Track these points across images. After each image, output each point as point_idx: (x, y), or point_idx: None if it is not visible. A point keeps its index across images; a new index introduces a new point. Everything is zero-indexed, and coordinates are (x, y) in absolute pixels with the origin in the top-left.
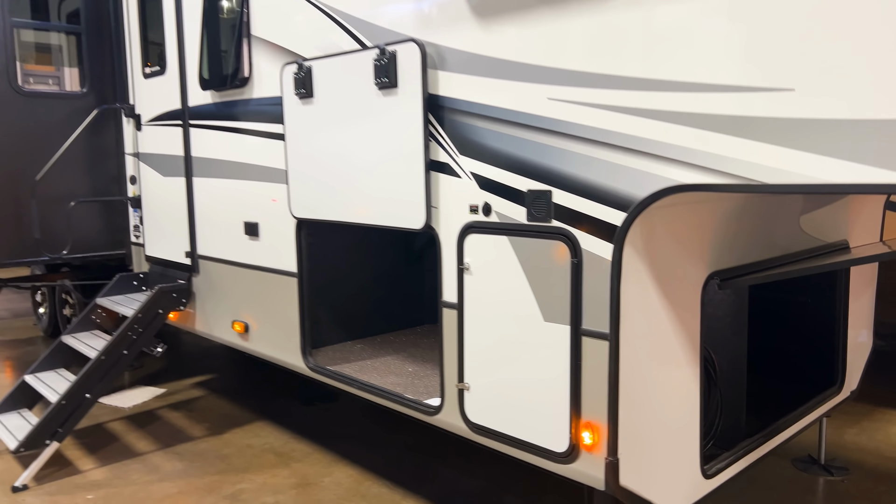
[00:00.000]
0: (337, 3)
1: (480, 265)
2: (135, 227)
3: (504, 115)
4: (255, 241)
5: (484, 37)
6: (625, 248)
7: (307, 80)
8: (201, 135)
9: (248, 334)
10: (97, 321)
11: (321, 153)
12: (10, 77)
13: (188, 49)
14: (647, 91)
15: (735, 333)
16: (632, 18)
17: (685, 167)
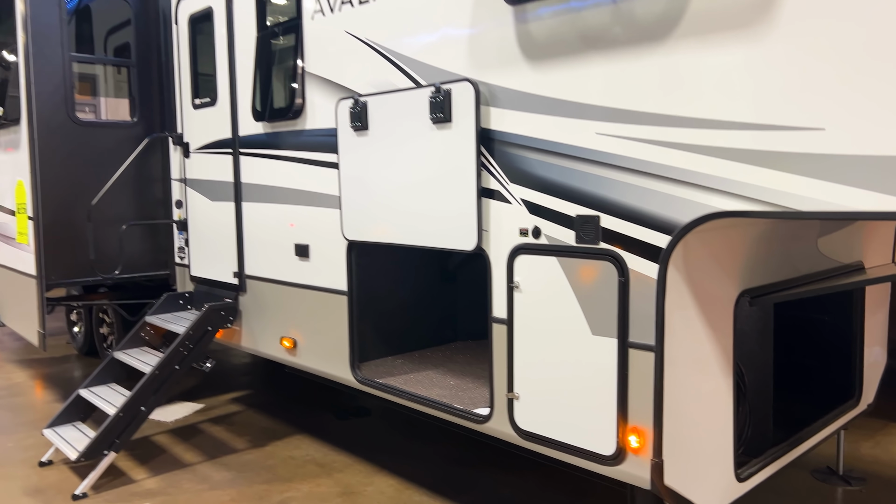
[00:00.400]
0: (393, 45)
1: (530, 283)
2: (179, 248)
3: (553, 147)
4: (306, 261)
5: (534, 77)
6: (669, 268)
7: (363, 114)
8: (251, 162)
9: (297, 350)
10: (146, 338)
11: (375, 181)
12: (68, 108)
13: (240, 82)
14: (692, 128)
15: (762, 348)
16: (678, 63)
17: (726, 196)
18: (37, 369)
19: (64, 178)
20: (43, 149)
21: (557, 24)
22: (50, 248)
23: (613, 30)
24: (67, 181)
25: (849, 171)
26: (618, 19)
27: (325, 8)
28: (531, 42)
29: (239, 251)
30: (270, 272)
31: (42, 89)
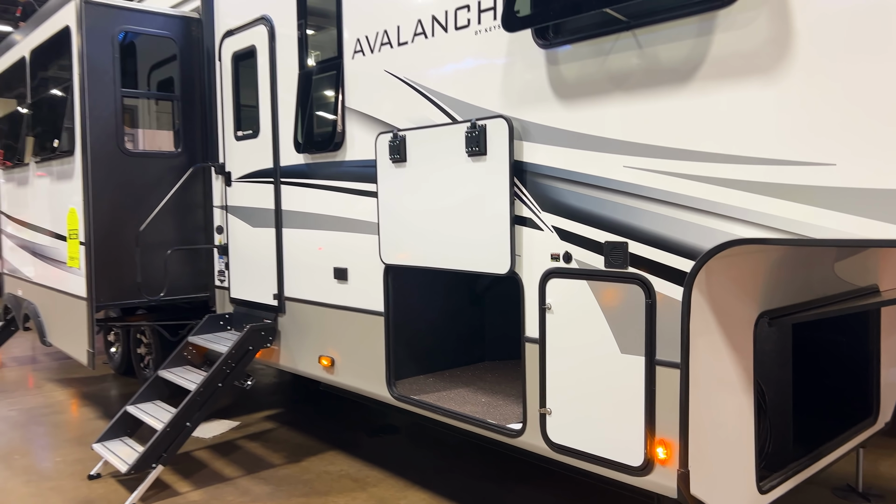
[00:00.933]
0: (431, 84)
1: (561, 305)
2: (220, 272)
3: (583, 178)
4: (344, 284)
5: (565, 113)
6: (693, 291)
7: (401, 147)
8: (292, 191)
9: (335, 368)
10: (188, 357)
11: (412, 209)
12: (118, 140)
13: (282, 116)
14: (713, 162)
15: (781, 367)
16: (700, 102)
17: (745, 224)
18: (76, 388)
19: (113, 206)
20: (95, 178)
21: (586, 65)
22: (99, 272)
23: (639, 71)
24: (116, 208)
25: (857, 203)
26: (643, 62)
27: (365, 48)
28: (561, 81)
29: (279, 274)
30: (309, 294)
31: (95, 122)
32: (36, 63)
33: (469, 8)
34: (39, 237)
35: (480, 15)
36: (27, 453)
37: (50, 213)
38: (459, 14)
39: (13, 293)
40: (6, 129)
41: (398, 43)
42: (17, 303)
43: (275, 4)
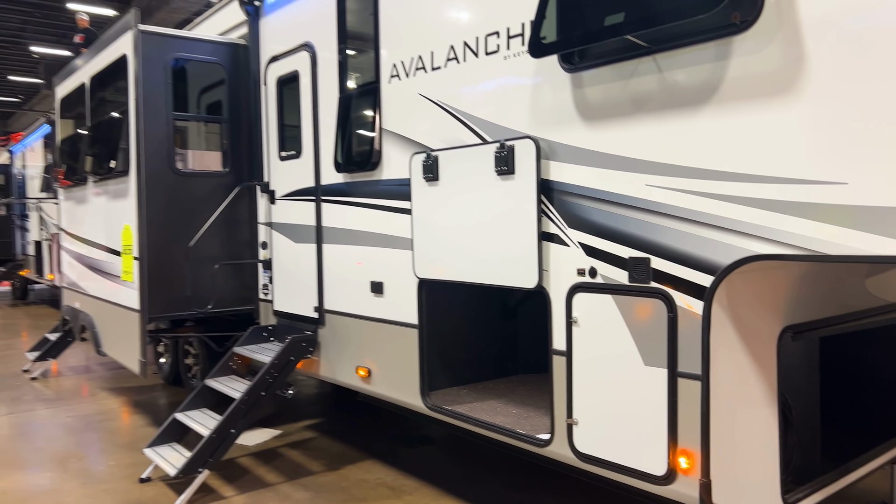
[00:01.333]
0: (462, 106)
1: (587, 319)
2: (264, 285)
3: (607, 196)
4: (380, 297)
5: (589, 134)
6: (713, 304)
7: (434, 166)
8: (332, 208)
9: (371, 378)
10: (233, 367)
11: (444, 225)
12: (170, 161)
13: (323, 137)
14: (730, 181)
15: (808, 381)
16: (718, 123)
17: (762, 241)
18: (127, 396)
19: (165, 223)
20: (148, 197)
21: (609, 88)
22: (152, 285)
23: (659, 94)
24: (167, 225)
25: (868, 220)
26: (664, 85)
27: (401, 73)
28: (586, 104)
29: (319, 288)
30: (348, 307)
31: (149, 144)
32: (95, 88)
33: (498, 34)
34: (96, 252)
35: (509, 41)
36: (83, 457)
37: (106, 230)
38: (489, 40)
39: (71, 305)
40: (67, 150)
41: (432, 68)
42: (75, 314)
43: (317, 32)
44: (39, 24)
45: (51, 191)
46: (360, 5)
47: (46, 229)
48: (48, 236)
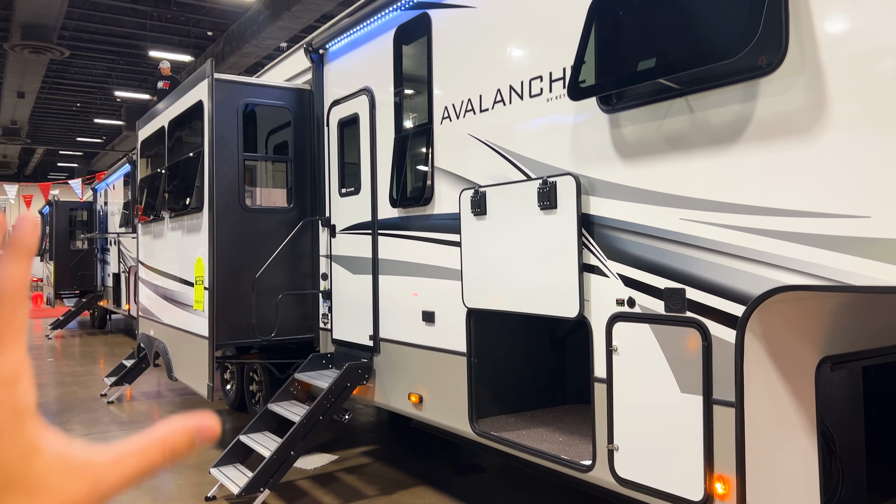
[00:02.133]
0: (508, 145)
1: (626, 347)
2: (323, 315)
3: (643, 229)
4: (431, 326)
5: (626, 171)
6: (746, 334)
7: (482, 201)
8: (387, 241)
9: (423, 405)
10: (294, 393)
11: (491, 257)
12: (239, 197)
13: (380, 175)
14: (759, 215)
15: (853, 412)
16: (747, 160)
17: (790, 272)
18: None
19: (233, 256)
20: (219, 231)
21: (645, 127)
22: (220, 314)
23: (691, 133)
24: (236, 258)
25: (892, 252)
26: (695, 124)
27: (451, 115)
28: (623, 142)
29: (374, 317)
30: (401, 335)
31: (220, 182)
32: (173, 131)
33: (542, 78)
34: (170, 283)
35: (552, 84)
36: (153, 476)
37: (180, 262)
38: (533, 84)
39: (146, 333)
40: (146, 188)
41: (480, 110)
42: (149, 342)
43: (375, 77)
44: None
45: (129, 226)
46: (415, 52)
47: (125, 262)
48: (126, 269)
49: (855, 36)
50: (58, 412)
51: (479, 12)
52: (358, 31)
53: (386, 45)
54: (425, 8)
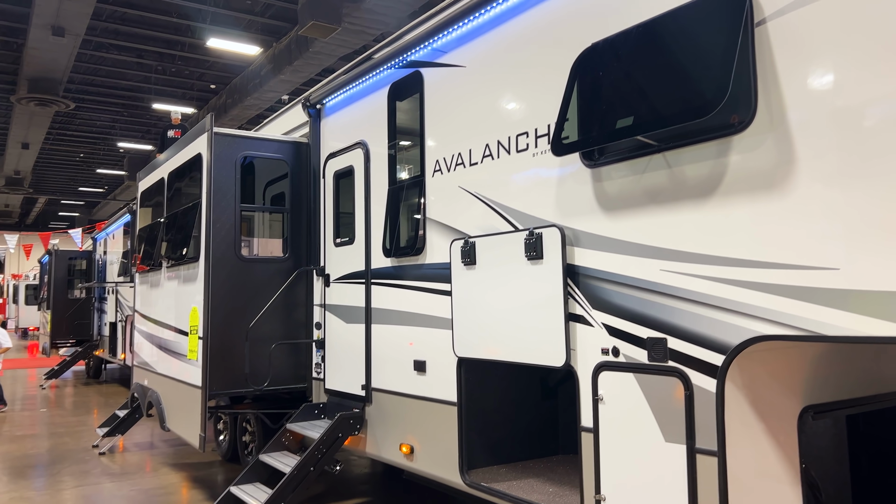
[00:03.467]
0: (496, 198)
1: (612, 396)
2: (316, 364)
3: (627, 280)
4: (423, 375)
5: (608, 223)
6: (726, 383)
7: (471, 251)
8: (380, 291)
9: (414, 455)
10: (286, 443)
11: (481, 306)
12: (236, 248)
13: (373, 225)
14: (736, 267)
15: (838, 462)
16: (722, 213)
17: (766, 322)
18: (187, 472)
19: (228, 305)
20: (214, 281)
21: (625, 182)
22: (214, 363)
23: (669, 187)
24: (230, 307)
25: (860, 303)
26: (672, 179)
27: (443, 168)
28: (605, 195)
29: (367, 366)
30: (393, 385)
31: (217, 233)
32: (172, 182)
33: (528, 134)
34: (165, 332)
35: (537, 140)
36: None
37: (175, 311)
38: (520, 139)
39: (140, 383)
40: (145, 238)
41: (470, 163)
42: (143, 391)
43: (370, 132)
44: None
45: (128, 275)
46: (408, 108)
47: (122, 311)
48: (123, 318)
49: (821, 95)
50: (49, 464)
51: (468, 71)
52: (354, 88)
53: (380, 101)
54: (418, 66)
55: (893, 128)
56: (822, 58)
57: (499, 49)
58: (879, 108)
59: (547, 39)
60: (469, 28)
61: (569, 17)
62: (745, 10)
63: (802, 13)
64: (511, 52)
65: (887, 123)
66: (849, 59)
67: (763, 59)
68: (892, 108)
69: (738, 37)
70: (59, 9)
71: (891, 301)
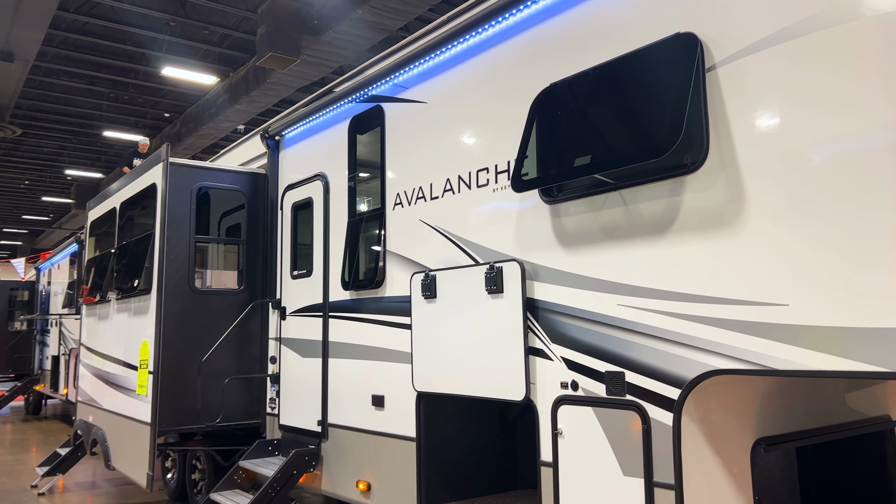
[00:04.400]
0: (457, 231)
1: (571, 430)
2: (271, 399)
3: (584, 314)
4: (381, 410)
5: (567, 258)
6: (682, 416)
7: (432, 284)
8: (338, 324)
9: (371, 493)
10: (238, 481)
11: (440, 340)
12: (189, 280)
13: (332, 258)
14: (689, 302)
15: (790, 494)
16: (676, 250)
17: (720, 356)
18: None
19: (180, 338)
20: (167, 314)
21: (583, 218)
22: (164, 399)
23: (625, 223)
24: (183, 340)
25: (809, 338)
26: (628, 216)
27: (403, 201)
28: (564, 231)
29: (323, 401)
30: (350, 420)
31: (171, 265)
32: (124, 212)
33: (488, 170)
34: (113, 367)
35: (497, 175)
36: None
37: (124, 345)
38: (480, 175)
39: (84, 419)
40: (94, 268)
41: (431, 197)
42: (87, 428)
43: (330, 164)
44: (76, 150)
45: (73, 307)
46: (369, 141)
47: (65, 344)
48: (66, 351)
49: (768, 137)
50: None
51: (429, 107)
52: (314, 120)
53: (341, 133)
54: (379, 101)
55: (834, 169)
56: (769, 102)
57: (460, 86)
58: (822, 150)
59: (507, 78)
60: (431, 65)
61: (528, 57)
62: (697, 56)
63: (749, 60)
64: (472, 89)
65: (829, 165)
66: (793, 104)
67: (714, 102)
68: (833, 150)
69: (691, 81)
70: (8, 34)
71: (836, 336)
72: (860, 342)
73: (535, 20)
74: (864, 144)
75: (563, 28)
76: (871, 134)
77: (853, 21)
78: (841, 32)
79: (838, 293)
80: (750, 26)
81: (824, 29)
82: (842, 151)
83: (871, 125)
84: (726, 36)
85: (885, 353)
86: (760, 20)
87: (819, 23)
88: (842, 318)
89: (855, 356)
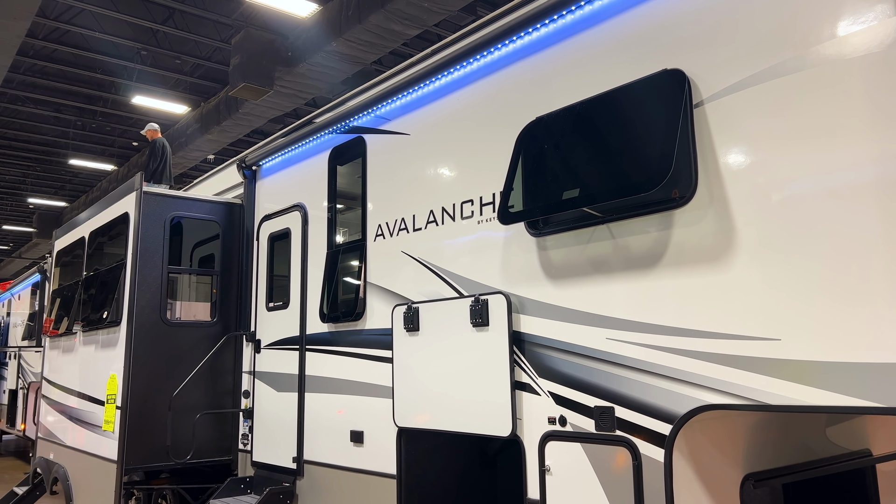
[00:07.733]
0: (441, 263)
1: (559, 467)
2: (243, 435)
3: (572, 348)
4: (360, 447)
5: (554, 291)
6: (674, 452)
7: (414, 317)
8: (316, 357)
9: None
10: None
11: (423, 374)
12: (161, 312)
13: (310, 289)
14: (679, 336)
15: None
16: (665, 284)
17: (712, 392)
18: None
19: (150, 372)
20: (136, 347)
21: (570, 251)
22: (132, 435)
23: (613, 257)
24: (153, 374)
25: (801, 373)
26: (616, 249)
27: (385, 232)
28: (550, 264)
29: (299, 437)
30: (327, 457)
31: (142, 296)
32: (93, 242)
33: (472, 202)
34: (78, 402)
35: (482, 207)
36: None
37: (90, 379)
38: (465, 206)
39: (45, 457)
40: (59, 299)
41: (413, 228)
42: (48, 466)
43: (309, 194)
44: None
45: (34, 339)
46: (350, 172)
47: (24, 378)
48: (25, 385)
49: (757, 171)
50: None
51: (412, 139)
52: (293, 151)
53: (321, 164)
54: (361, 132)
55: (822, 204)
56: (757, 138)
57: (444, 119)
58: (809, 185)
59: (492, 111)
60: (414, 97)
61: (514, 90)
62: (685, 92)
63: (736, 97)
64: (457, 121)
65: (817, 200)
66: (780, 140)
67: (702, 137)
68: (820, 185)
69: (679, 116)
70: None
71: (829, 371)
72: (852, 377)
73: (522, 53)
74: (849, 180)
75: (550, 62)
76: (857, 170)
77: (838, 61)
78: (826, 71)
79: (830, 328)
80: (737, 64)
81: (810, 68)
82: (829, 187)
83: (856, 161)
84: (713, 73)
85: (878, 388)
86: (747, 58)
87: (804, 62)
88: (834, 352)
89: (848, 391)
